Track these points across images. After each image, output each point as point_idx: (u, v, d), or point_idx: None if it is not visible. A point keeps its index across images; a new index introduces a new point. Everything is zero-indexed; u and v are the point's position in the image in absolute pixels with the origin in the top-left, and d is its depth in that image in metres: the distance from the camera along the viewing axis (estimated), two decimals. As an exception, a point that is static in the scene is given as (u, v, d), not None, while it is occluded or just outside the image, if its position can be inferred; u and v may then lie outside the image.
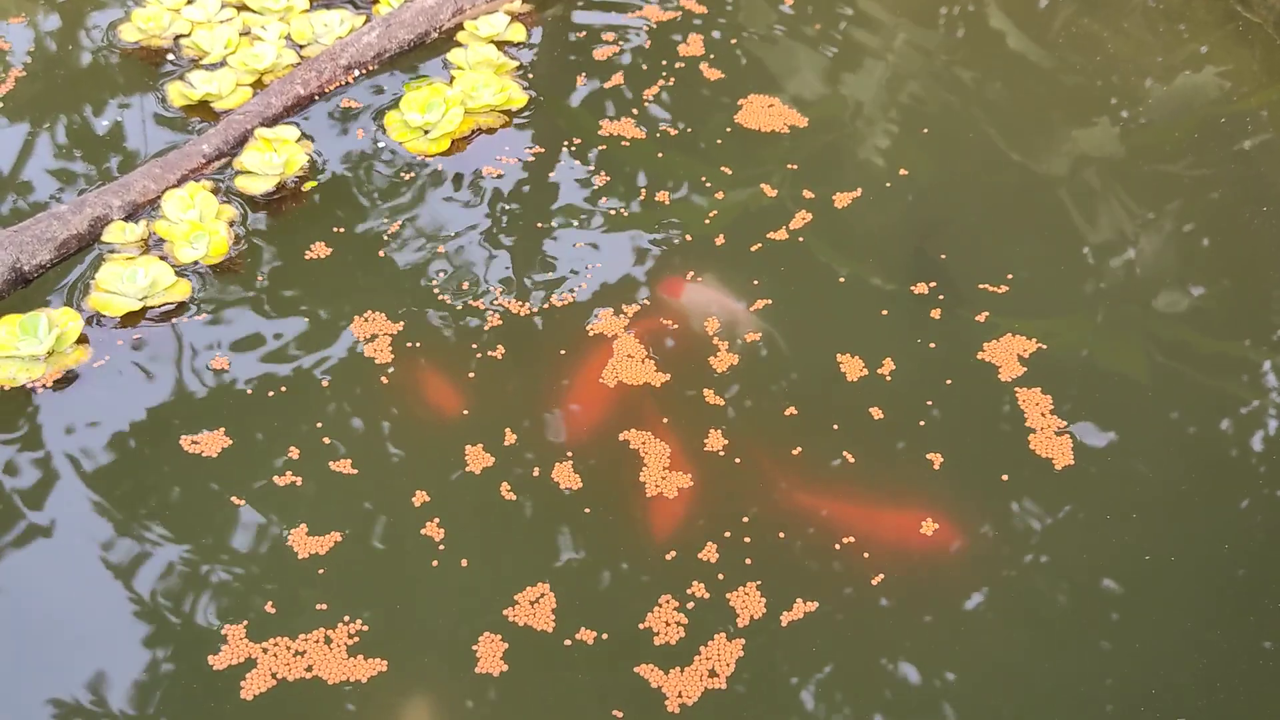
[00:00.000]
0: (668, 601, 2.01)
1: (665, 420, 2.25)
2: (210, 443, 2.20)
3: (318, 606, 1.97)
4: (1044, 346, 2.41)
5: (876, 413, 2.30)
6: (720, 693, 1.90)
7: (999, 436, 2.29)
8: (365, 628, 1.94)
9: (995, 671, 1.97)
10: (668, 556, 2.07)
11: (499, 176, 2.72)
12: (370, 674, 1.90)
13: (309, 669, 1.90)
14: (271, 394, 2.30)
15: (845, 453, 2.24)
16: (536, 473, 2.19)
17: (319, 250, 2.56)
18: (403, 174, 2.74)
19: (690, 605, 2.00)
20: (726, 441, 2.24)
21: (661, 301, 2.46)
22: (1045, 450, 2.26)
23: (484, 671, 1.91)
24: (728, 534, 2.12)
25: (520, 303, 2.49)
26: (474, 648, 1.93)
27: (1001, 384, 2.37)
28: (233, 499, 2.12)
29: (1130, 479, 2.23)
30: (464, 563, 2.04)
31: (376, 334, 2.41)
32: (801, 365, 2.38)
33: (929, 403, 2.32)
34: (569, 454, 2.21)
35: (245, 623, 1.95)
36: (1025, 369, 2.38)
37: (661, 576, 2.05)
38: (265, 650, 1.91)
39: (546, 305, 2.48)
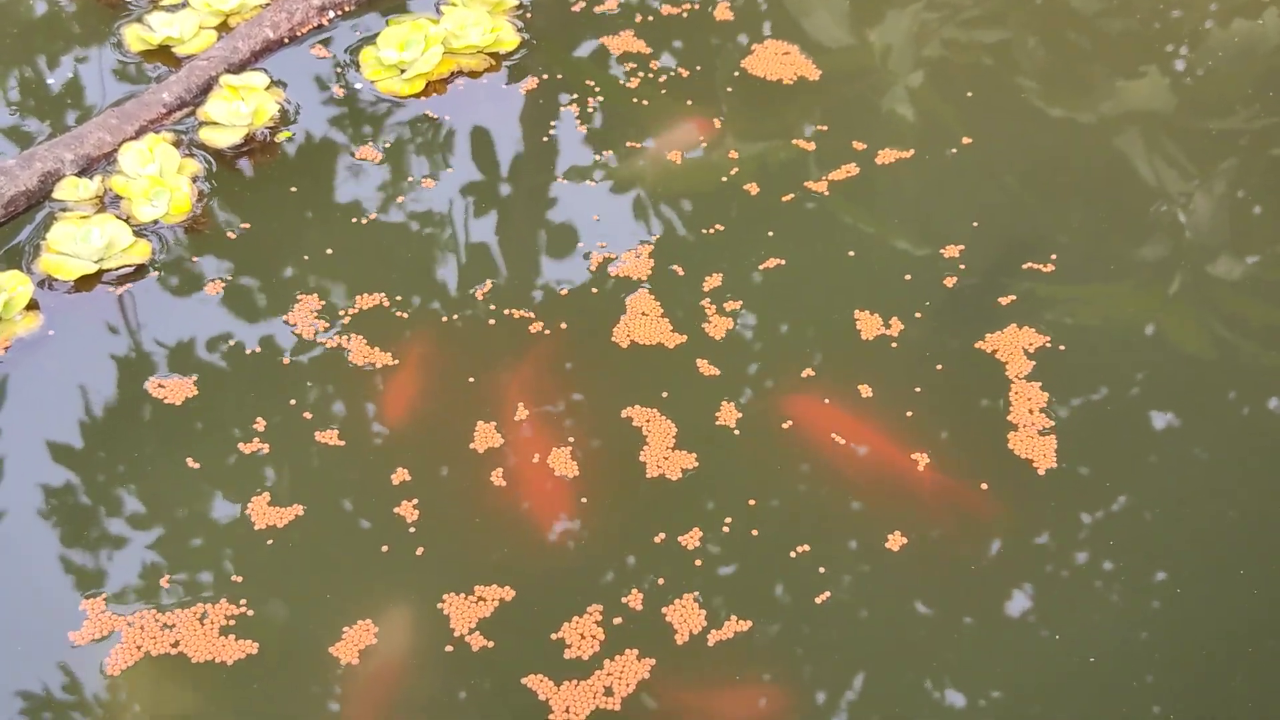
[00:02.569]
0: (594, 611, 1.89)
1: (665, 395, 2.13)
2: (176, 390, 2.13)
3: (233, 579, 1.90)
4: (1086, 324, 2.27)
5: (864, 390, 2.15)
6: (610, 714, 1.78)
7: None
8: (249, 611, 1.87)
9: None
10: (656, 539, 1.96)
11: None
12: (237, 655, 1.83)
13: (175, 644, 1.83)
14: (240, 366, 2.18)
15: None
16: (536, 458, 2.06)
17: (292, 209, 2.43)
18: (384, 122, 2.60)
19: (617, 619, 1.87)
20: (740, 415, 2.11)
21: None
22: (1027, 443, 2.10)
23: (334, 655, 1.83)
24: (728, 520, 1.99)
25: (515, 269, 2.36)
26: (345, 629, 1.84)
27: (1013, 367, 2.22)
28: (189, 462, 2.03)
29: (1190, 464, 2.09)
30: (419, 551, 1.93)
31: (355, 301, 2.27)
32: (818, 323, 2.27)
33: (918, 389, 2.17)
34: (570, 439, 2.08)
35: (104, 595, 1.89)
36: (1043, 354, 2.23)
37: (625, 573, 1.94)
38: (130, 624, 1.84)
39: (545, 265, 2.36)
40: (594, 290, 2.30)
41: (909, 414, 2.11)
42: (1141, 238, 2.45)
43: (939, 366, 2.19)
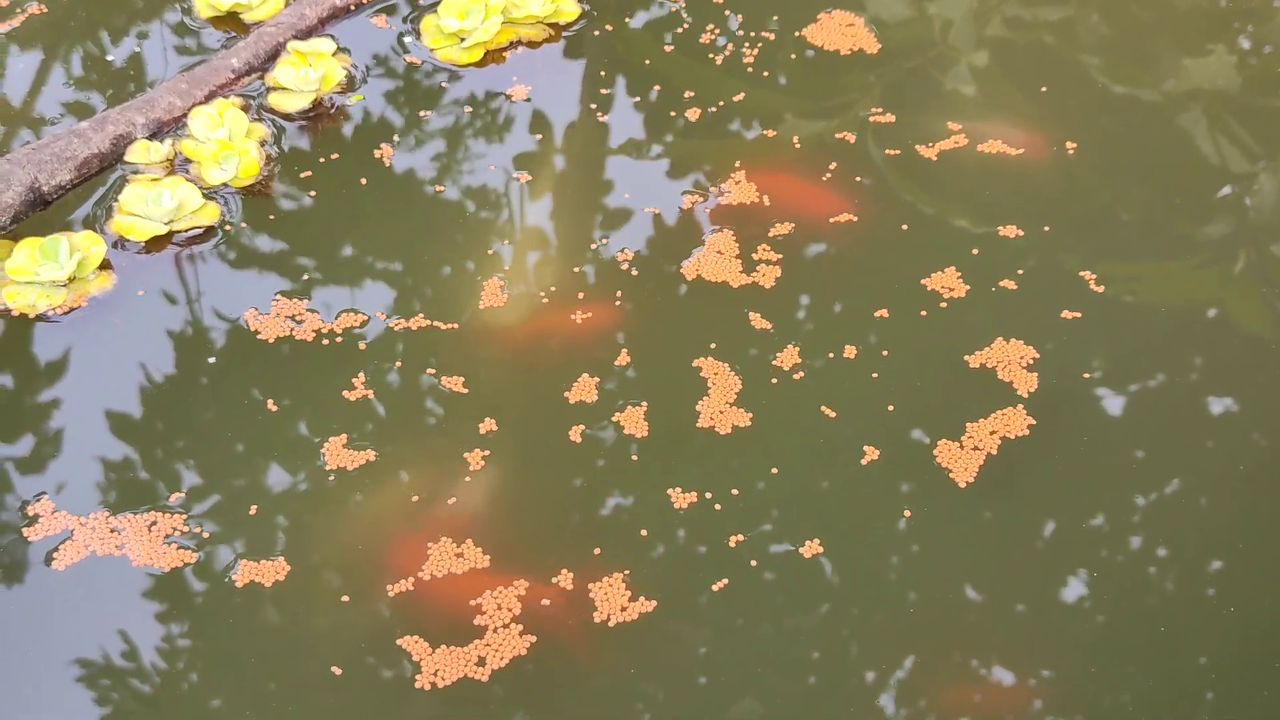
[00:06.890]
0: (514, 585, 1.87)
1: (713, 344, 2.15)
2: (273, 325, 2.19)
3: (249, 511, 1.95)
4: (1146, 303, 2.25)
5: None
6: (477, 685, 1.76)
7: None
8: (207, 532, 1.91)
9: None
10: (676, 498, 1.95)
11: (527, 99, 2.59)
12: (175, 564, 1.88)
13: (119, 547, 1.90)
14: (319, 330, 2.20)
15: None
16: (617, 418, 2.08)
17: (357, 173, 2.45)
18: (446, 90, 2.62)
19: (546, 601, 1.85)
20: (799, 359, 2.13)
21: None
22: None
23: (236, 580, 1.87)
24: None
25: (579, 236, 2.38)
26: (264, 561, 1.88)
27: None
28: (269, 405, 2.07)
29: (1247, 448, 2.06)
30: (451, 500, 1.94)
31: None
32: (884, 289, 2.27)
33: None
34: (643, 401, 2.09)
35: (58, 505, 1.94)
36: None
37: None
38: (83, 524, 1.91)
39: (612, 230, 2.38)
40: (666, 247, 2.32)
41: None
42: (1205, 217, 2.41)
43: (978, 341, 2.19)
